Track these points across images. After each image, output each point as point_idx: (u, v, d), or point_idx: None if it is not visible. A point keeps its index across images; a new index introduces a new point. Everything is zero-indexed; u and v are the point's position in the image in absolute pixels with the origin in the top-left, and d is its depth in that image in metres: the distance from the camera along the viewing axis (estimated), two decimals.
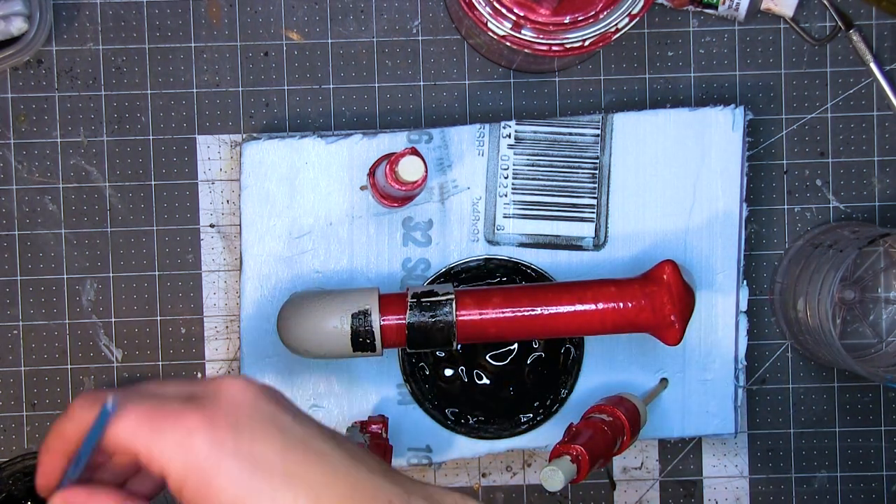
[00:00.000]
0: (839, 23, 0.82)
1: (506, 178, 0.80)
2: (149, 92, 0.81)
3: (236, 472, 0.50)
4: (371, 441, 0.74)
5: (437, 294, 0.74)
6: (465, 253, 0.80)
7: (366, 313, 0.73)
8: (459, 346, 0.79)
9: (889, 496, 0.83)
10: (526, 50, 0.72)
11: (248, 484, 0.50)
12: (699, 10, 0.82)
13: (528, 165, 0.80)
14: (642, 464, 0.83)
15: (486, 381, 0.80)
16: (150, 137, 0.81)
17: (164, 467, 0.50)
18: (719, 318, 0.81)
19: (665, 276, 0.74)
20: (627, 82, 0.82)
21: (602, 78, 0.82)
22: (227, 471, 0.50)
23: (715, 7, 0.81)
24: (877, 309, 0.83)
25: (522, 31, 0.72)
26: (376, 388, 0.80)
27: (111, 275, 0.81)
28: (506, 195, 0.80)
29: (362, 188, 0.80)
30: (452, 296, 0.74)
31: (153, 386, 0.54)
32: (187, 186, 0.82)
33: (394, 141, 0.80)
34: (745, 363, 0.81)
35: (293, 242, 0.80)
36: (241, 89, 0.82)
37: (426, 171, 0.72)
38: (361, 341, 0.73)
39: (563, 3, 0.71)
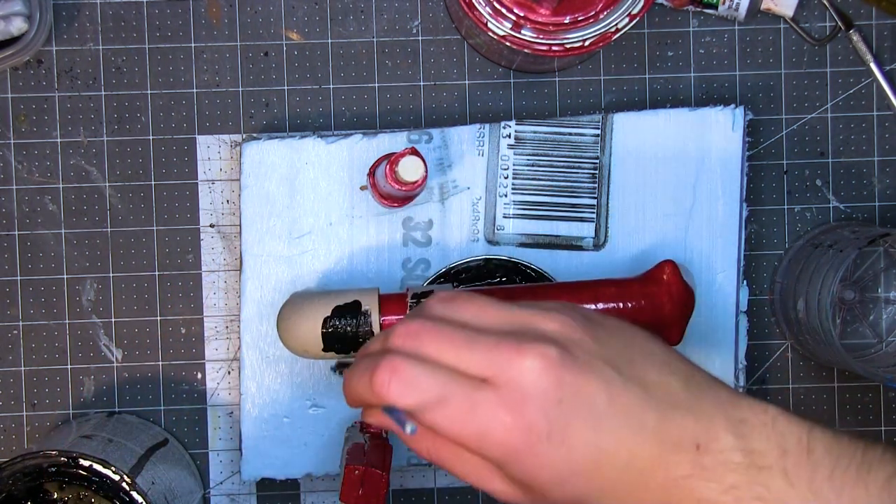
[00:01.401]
0: (839, 23, 0.82)
1: (506, 178, 0.80)
2: (149, 92, 0.81)
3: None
4: (371, 441, 0.74)
5: None
6: (465, 253, 0.80)
7: (366, 313, 0.73)
8: None
9: None
10: (526, 50, 0.72)
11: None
12: (699, 10, 0.82)
13: (528, 165, 0.80)
14: None
15: None
16: (150, 137, 0.81)
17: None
18: (719, 318, 0.81)
19: (665, 276, 0.74)
20: (627, 82, 0.82)
21: (602, 78, 0.82)
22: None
23: (715, 7, 0.81)
24: (877, 309, 0.83)
25: (522, 31, 0.72)
26: None
27: (111, 275, 0.81)
28: (506, 195, 0.80)
29: (362, 188, 0.80)
30: None
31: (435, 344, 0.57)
32: (187, 186, 0.82)
33: (394, 141, 0.80)
34: (745, 363, 0.81)
35: (293, 242, 0.80)
36: (241, 89, 0.82)
37: (426, 171, 0.72)
38: (362, 341, 0.73)
39: (563, 3, 0.71)
